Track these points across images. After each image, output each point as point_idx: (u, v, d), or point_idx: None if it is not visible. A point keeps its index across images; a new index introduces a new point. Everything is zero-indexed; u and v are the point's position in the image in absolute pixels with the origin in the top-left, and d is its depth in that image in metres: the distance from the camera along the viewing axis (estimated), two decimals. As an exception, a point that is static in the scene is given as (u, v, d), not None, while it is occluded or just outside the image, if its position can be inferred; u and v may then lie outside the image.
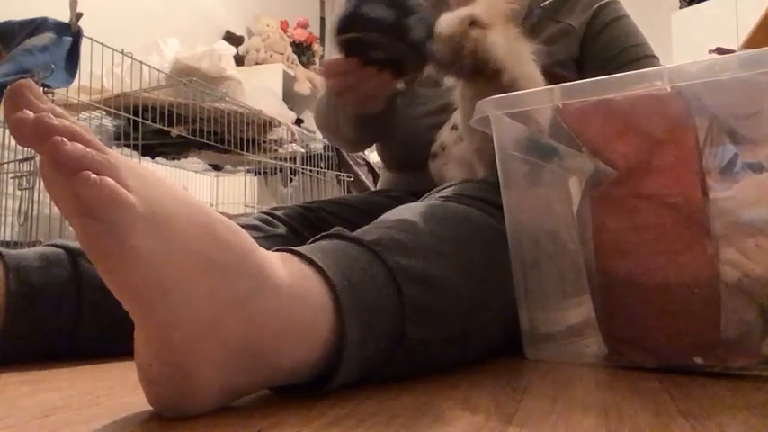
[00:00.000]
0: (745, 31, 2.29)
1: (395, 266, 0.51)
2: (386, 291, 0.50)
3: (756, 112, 0.60)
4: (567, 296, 0.76)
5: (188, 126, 1.66)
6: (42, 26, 1.27)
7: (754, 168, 0.59)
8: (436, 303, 0.54)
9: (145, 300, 0.37)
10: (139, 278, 0.36)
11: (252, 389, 0.44)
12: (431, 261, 0.55)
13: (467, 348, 0.60)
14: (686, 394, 0.48)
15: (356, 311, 0.46)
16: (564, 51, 0.99)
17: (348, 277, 0.47)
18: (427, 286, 0.53)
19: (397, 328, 0.50)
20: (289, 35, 3.52)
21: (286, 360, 0.43)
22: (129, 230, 0.35)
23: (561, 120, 0.63)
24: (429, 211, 0.62)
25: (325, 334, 0.45)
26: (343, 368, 0.45)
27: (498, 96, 0.66)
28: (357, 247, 0.51)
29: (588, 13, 1.00)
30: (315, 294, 0.45)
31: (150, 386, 0.40)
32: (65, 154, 0.34)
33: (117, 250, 0.35)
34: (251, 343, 0.40)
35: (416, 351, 0.52)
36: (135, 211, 0.35)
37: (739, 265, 0.55)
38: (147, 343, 0.39)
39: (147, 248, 0.35)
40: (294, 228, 0.92)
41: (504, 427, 0.39)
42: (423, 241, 0.56)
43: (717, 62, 0.54)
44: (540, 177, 0.76)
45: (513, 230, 0.67)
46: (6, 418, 0.41)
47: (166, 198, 0.38)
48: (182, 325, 0.37)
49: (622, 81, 0.59)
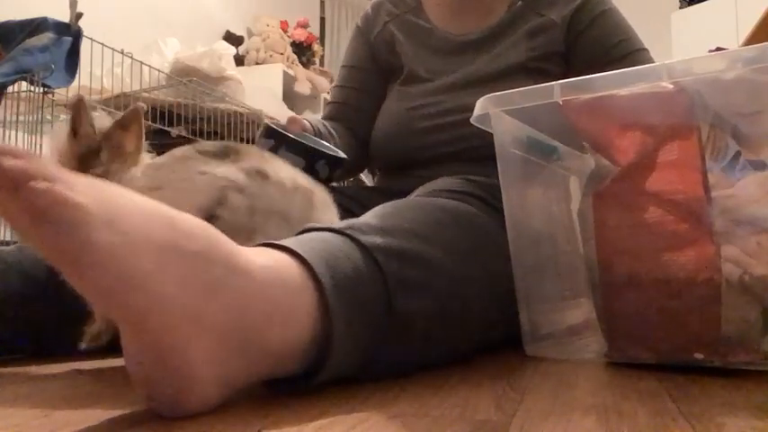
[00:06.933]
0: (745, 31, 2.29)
1: (370, 244, 0.51)
2: (365, 266, 0.50)
3: (759, 110, 0.60)
4: (567, 297, 0.76)
5: (188, 126, 1.66)
6: (42, 26, 1.27)
7: (757, 166, 0.59)
8: (418, 276, 0.54)
9: (119, 297, 0.36)
10: (108, 274, 0.36)
11: (247, 377, 0.43)
12: (407, 240, 0.55)
13: (459, 325, 0.60)
14: (686, 394, 0.48)
15: (337, 288, 0.46)
16: (544, 45, 0.98)
17: (324, 257, 0.47)
18: (406, 260, 0.53)
19: (382, 301, 0.50)
20: (289, 35, 3.51)
21: (275, 343, 0.43)
22: (86, 228, 0.35)
23: (563, 116, 0.63)
24: (403, 203, 0.63)
25: (308, 312, 0.45)
26: (334, 346, 0.45)
27: (498, 93, 0.66)
28: (329, 233, 0.52)
29: (572, 7, 0.99)
30: (291, 274, 0.45)
31: (144, 387, 0.40)
32: (8, 169, 0.34)
33: (78, 250, 0.35)
34: (235, 328, 0.40)
35: (407, 326, 0.52)
36: (87, 209, 0.35)
37: (740, 262, 0.55)
38: (133, 342, 0.39)
39: (107, 243, 0.35)
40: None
41: (504, 427, 0.39)
42: (397, 224, 0.57)
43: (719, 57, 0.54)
44: (540, 177, 0.76)
45: (513, 231, 0.67)
46: (6, 418, 0.41)
47: (118, 197, 0.38)
48: (161, 316, 0.37)
49: (622, 77, 0.59)
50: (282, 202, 0.58)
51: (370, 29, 1.13)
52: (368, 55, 1.12)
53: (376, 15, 1.13)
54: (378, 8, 1.14)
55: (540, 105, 0.63)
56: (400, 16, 1.10)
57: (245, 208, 0.55)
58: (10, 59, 1.22)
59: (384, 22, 1.11)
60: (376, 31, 1.12)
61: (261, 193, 0.57)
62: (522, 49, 0.98)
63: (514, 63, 0.97)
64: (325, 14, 4.24)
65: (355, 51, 1.15)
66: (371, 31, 1.12)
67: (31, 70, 1.21)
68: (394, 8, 1.11)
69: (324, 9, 4.24)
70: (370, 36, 1.12)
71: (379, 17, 1.12)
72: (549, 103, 0.63)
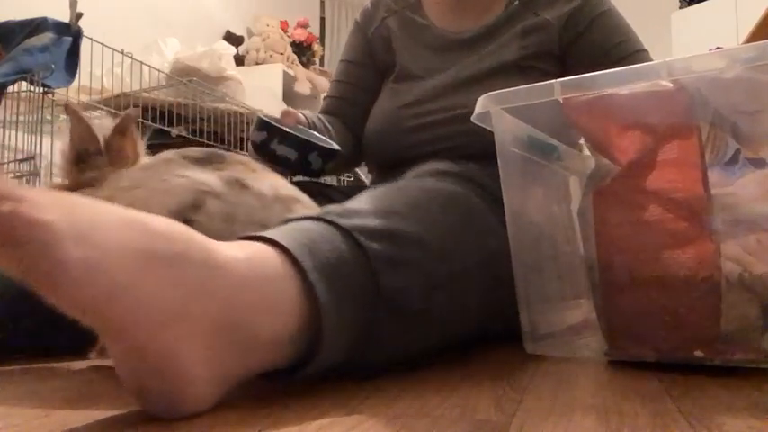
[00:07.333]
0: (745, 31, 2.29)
1: (350, 226, 0.51)
2: (347, 248, 0.49)
3: (759, 109, 0.60)
4: (567, 297, 0.76)
5: (188, 126, 1.66)
6: (42, 26, 1.27)
7: (756, 164, 0.59)
8: (402, 254, 0.53)
9: (100, 311, 0.36)
10: (85, 291, 0.35)
11: (241, 372, 0.43)
12: (388, 219, 0.55)
13: (452, 302, 0.59)
14: (686, 394, 0.48)
15: (319, 272, 0.46)
16: (537, 45, 0.98)
17: (304, 243, 0.47)
18: (388, 239, 0.53)
19: (369, 282, 0.50)
20: (289, 35, 3.51)
21: (265, 335, 0.42)
22: (57, 247, 0.34)
23: (564, 114, 0.63)
24: (383, 188, 0.64)
25: (294, 299, 0.44)
26: (325, 330, 0.45)
27: (499, 92, 0.66)
28: (308, 221, 0.51)
29: (569, 7, 0.98)
30: (273, 264, 0.45)
31: (138, 393, 0.40)
32: None
33: (52, 270, 0.34)
34: (223, 326, 0.40)
35: (398, 304, 0.52)
36: (55, 226, 0.34)
37: (740, 260, 0.55)
38: (120, 353, 0.38)
39: (81, 259, 0.34)
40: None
41: (504, 427, 0.39)
42: (378, 206, 0.56)
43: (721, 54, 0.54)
44: (540, 176, 0.76)
45: (513, 230, 0.67)
46: (6, 418, 0.41)
47: (87, 210, 0.37)
48: (146, 324, 0.37)
49: (622, 75, 0.59)
50: (262, 213, 0.57)
51: (368, 24, 1.13)
52: (365, 50, 1.13)
53: (375, 11, 1.14)
54: (377, 4, 1.14)
55: (541, 104, 0.63)
56: (398, 12, 1.11)
57: (222, 215, 0.55)
58: (10, 59, 1.22)
59: (382, 18, 1.12)
60: (374, 26, 1.12)
61: (238, 202, 0.56)
62: (515, 47, 0.98)
63: (506, 61, 0.97)
64: (325, 14, 4.24)
65: (353, 47, 1.15)
66: (369, 27, 1.13)
67: (31, 70, 1.21)
68: (393, 4, 1.12)
69: (324, 9, 4.24)
70: (368, 32, 1.13)
71: (378, 13, 1.13)
72: (550, 103, 0.62)
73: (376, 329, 0.50)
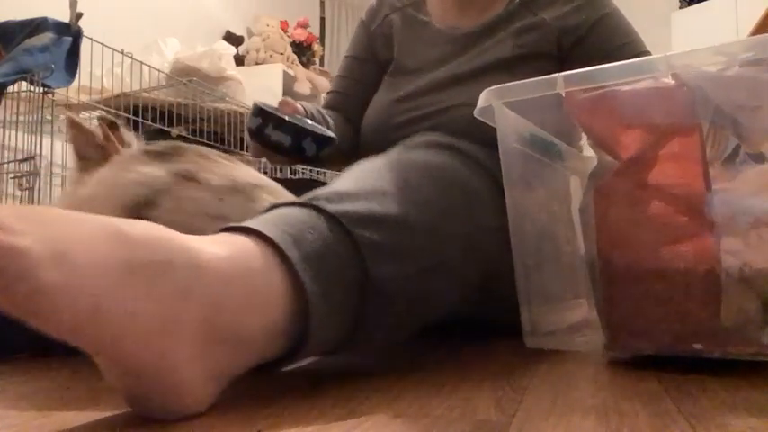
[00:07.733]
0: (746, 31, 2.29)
1: (337, 212, 0.50)
2: (333, 236, 0.49)
3: (759, 105, 0.60)
4: (567, 297, 0.76)
5: (188, 126, 1.66)
6: (42, 26, 1.27)
7: (757, 160, 0.59)
8: (391, 239, 0.53)
9: (86, 332, 0.35)
10: (68, 314, 0.34)
11: (236, 368, 0.42)
12: (378, 202, 0.54)
13: (444, 286, 0.59)
14: (686, 394, 0.48)
15: (306, 262, 0.45)
16: (533, 44, 0.97)
17: (290, 233, 0.46)
18: (376, 225, 0.52)
19: (357, 270, 0.49)
20: (289, 35, 3.51)
21: (256, 329, 0.42)
22: (35, 273, 0.33)
23: (566, 110, 0.64)
24: (374, 163, 0.63)
25: (282, 291, 0.44)
26: (313, 319, 0.44)
27: (502, 85, 0.66)
28: (294, 207, 0.51)
29: (569, 8, 0.98)
30: (258, 258, 0.44)
31: (133, 401, 0.40)
32: None
33: (32, 298, 0.33)
34: (212, 326, 0.40)
35: (387, 291, 0.51)
36: (32, 252, 0.33)
37: (740, 254, 0.55)
38: (111, 367, 0.38)
39: (60, 283, 0.34)
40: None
41: (504, 427, 0.39)
42: (367, 187, 0.55)
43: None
44: (542, 175, 0.76)
45: (515, 229, 0.67)
46: (6, 418, 0.41)
47: (63, 227, 0.36)
48: (134, 337, 0.36)
49: (623, 69, 0.60)
50: (215, 204, 0.57)
51: (372, 21, 1.15)
52: (367, 46, 1.14)
53: (380, 7, 1.15)
54: (382, 1, 1.15)
55: (542, 103, 0.63)
56: (401, 10, 1.12)
57: (172, 209, 0.54)
58: (10, 59, 1.22)
59: (385, 15, 1.13)
60: (376, 23, 1.13)
61: (184, 195, 0.56)
62: (509, 45, 0.98)
63: (500, 59, 0.97)
64: (325, 14, 4.23)
65: (356, 43, 1.17)
66: (372, 24, 1.14)
67: (31, 70, 1.21)
68: (397, 2, 1.13)
69: (324, 9, 4.24)
70: (371, 28, 1.14)
71: (382, 9, 1.14)
72: (551, 101, 0.63)
73: (365, 316, 0.50)
